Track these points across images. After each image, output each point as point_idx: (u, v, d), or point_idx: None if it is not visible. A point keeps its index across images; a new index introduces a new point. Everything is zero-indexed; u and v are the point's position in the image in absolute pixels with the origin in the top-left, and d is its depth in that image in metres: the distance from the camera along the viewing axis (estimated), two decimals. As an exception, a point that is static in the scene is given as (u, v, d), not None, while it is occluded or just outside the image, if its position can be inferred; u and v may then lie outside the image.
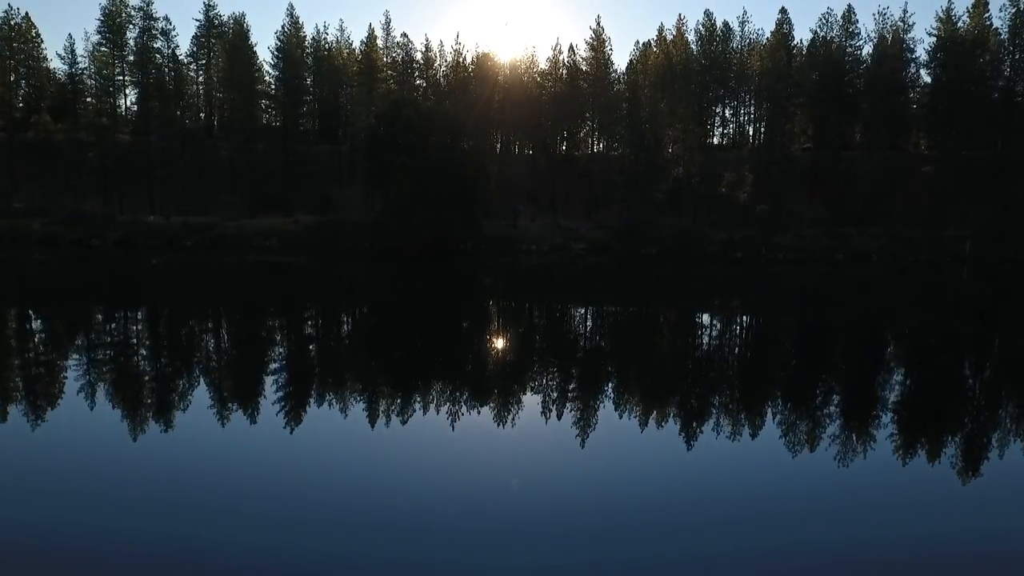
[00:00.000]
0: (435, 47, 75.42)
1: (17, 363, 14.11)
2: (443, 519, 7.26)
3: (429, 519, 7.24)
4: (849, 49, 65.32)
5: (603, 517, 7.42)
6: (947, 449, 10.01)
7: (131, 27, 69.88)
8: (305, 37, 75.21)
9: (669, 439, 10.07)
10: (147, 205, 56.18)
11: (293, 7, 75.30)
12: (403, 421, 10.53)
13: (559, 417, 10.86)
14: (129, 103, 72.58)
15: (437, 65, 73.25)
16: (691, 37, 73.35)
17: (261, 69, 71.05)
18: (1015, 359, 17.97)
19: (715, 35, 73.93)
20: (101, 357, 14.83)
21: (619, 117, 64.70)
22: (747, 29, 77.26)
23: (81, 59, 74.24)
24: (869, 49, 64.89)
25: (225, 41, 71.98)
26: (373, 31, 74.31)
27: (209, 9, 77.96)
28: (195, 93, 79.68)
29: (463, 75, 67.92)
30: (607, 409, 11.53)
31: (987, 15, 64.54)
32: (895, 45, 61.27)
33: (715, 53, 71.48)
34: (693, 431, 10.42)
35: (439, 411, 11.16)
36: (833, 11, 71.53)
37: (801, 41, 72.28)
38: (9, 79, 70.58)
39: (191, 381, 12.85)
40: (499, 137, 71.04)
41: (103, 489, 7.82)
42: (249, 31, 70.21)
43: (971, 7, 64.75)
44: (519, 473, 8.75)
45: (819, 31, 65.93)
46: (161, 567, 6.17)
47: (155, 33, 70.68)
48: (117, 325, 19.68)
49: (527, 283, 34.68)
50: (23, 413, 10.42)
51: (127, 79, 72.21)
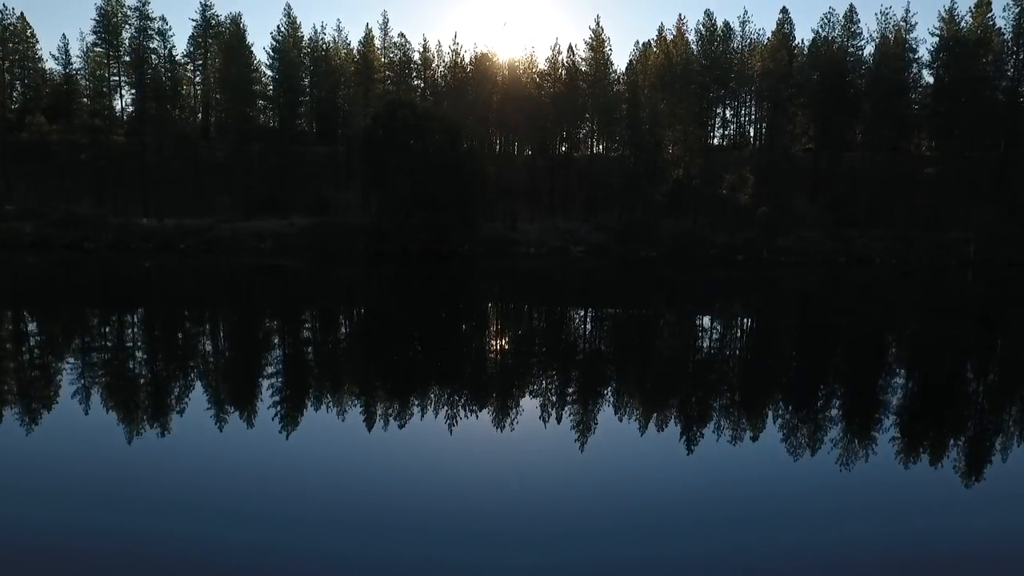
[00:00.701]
0: (433, 47, 74.90)
1: (12, 367, 13.90)
2: (442, 519, 7.27)
3: (428, 520, 7.24)
4: (851, 49, 64.77)
5: (603, 518, 7.44)
6: (948, 451, 9.99)
7: (127, 27, 69.47)
8: (303, 37, 74.69)
9: (668, 441, 10.05)
10: (141, 207, 55.57)
11: (290, 7, 74.77)
12: (401, 425, 10.47)
13: (558, 420, 10.80)
14: (125, 104, 72.22)
15: (435, 65, 72.71)
16: (691, 37, 72.77)
17: (258, 69, 70.50)
18: (1018, 362, 17.68)
19: (715, 35, 73.34)
20: (95, 362, 14.49)
21: (619, 118, 64.12)
22: (748, 29, 76.86)
23: (76, 59, 73.85)
24: (871, 49, 64.45)
25: (221, 41, 71.41)
26: (370, 31, 73.73)
27: (206, 9, 77.48)
28: (192, 94, 79.19)
29: (461, 76, 67.35)
30: (606, 412, 11.48)
31: (990, 15, 64.04)
32: (897, 45, 60.70)
33: (715, 53, 70.87)
34: (692, 433, 10.40)
35: (437, 414, 11.09)
36: (835, 11, 70.81)
37: (802, 41, 71.76)
38: (3, 80, 70.00)
39: (186, 386, 12.65)
40: (498, 138, 70.51)
41: (100, 490, 7.80)
42: (246, 31, 69.61)
43: (974, 7, 64.20)
44: (518, 474, 8.71)
45: (821, 31, 65.33)
46: (159, 568, 6.18)
47: (151, 33, 70.15)
48: (110, 330, 19.24)
49: (525, 286, 34.13)
50: (18, 416, 10.38)
51: (122, 80, 71.80)
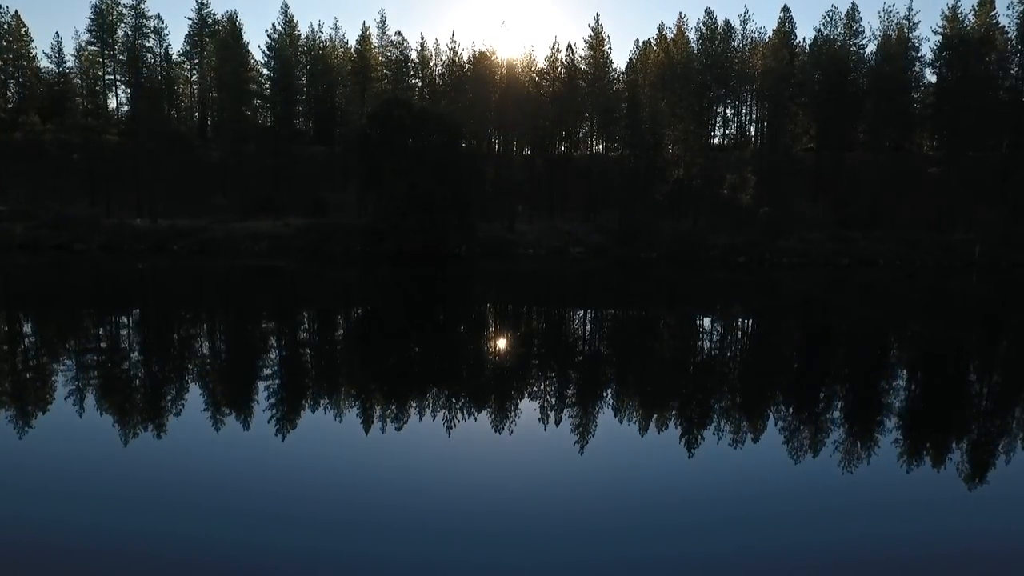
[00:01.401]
0: (431, 46, 74.22)
1: (5, 368, 13.72)
2: (442, 520, 7.24)
3: (428, 520, 7.21)
4: (853, 48, 64.10)
5: (604, 519, 7.42)
6: (949, 452, 9.99)
7: (122, 25, 68.83)
8: (300, 36, 74.04)
9: (668, 442, 10.02)
10: (135, 207, 54.89)
11: (287, 5, 74.10)
12: (398, 428, 10.37)
13: (557, 423, 10.71)
14: (120, 103, 71.61)
15: (433, 64, 72.07)
16: (692, 36, 72.18)
17: (254, 68, 69.80)
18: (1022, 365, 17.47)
19: (716, 34, 72.72)
20: (87, 366, 14.18)
21: (618, 117, 63.45)
22: (748, 28, 76.23)
23: (70, 59, 73.16)
24: (873, 48, 63.78)
25: (217, 40, 70.74)
26: (368, 30, 73.10)
27: (202, 7, 76.82)
28: (189, 93, 78.54)
29: (459, 74, 66.68)
30: (604, 413, 11.41)
31: (993, 13, 63.46)
32: (900, 44, 60.04)
33: (716, 52, 70.22)
34: (692, 434, 10.36)
35: (435, 416, 11.01)
36: (837, 9, 70.04)
37: (803, 40, 71.13)
38: (-2, 78, 69.45)
39: (181, 389, 12.50)
40: (497, 137, 69.84)
41: (98, 492, 7.78)
42: (242, 29, 68.94)
43: (977, 5, 63.62)
44: (518, 476, 8.71)
45: (823, 29, 64.65)
46: (159, 568, 6.16)
47: (147, 32, 69.52)
48: (101, 333, 18.85)
49: (523, 288, 33.52)
50: (12, 419, 10.33)
51: (117, 79, 71.17)
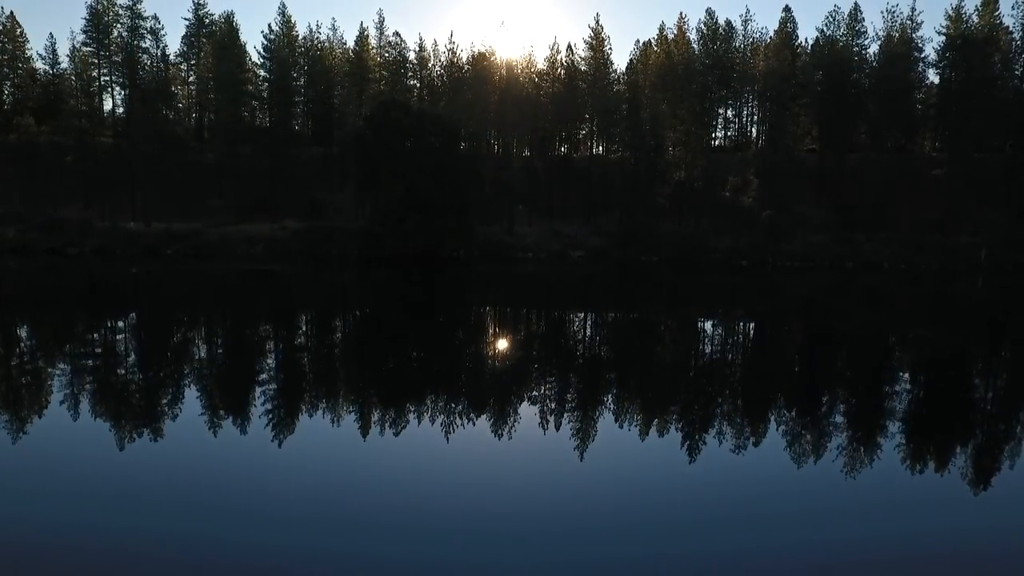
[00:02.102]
0: (429, 47, 73.62)
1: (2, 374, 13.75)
2: (442, 522, 7.24)
3: (428, 521, 7.22)
4: (855, 48, 63.45)
5: (603, 519, 7.45)
6: (952, 455, 9.98)
7: (118, 26, 68.18)
8: (297, 36, 73.38)
9: (667, 444, 10.03)
10: (130, 210, 54.23)
11: (285, 5, 73.52)
12: (396, 433, 10.33)
13: (557, 427, 10.65)
14: (116, 104, 70.92)
15: (432, 65, 71.39)
16: (693, 36, 71.48)
17: (250, 69, 69.12)
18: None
19: (717, 34, 72.07)
20: (82, 369, 14.16)
21: (619, 119, 62.80)
22: (750, 28, 75.43)
23: (64, 60, 72.52)
24: (875, 48, 63.10)
25: (213, 40, 70.08)
26: (365, 30, 72.46)
27: (199, 8, 76.21)
28: (186, 94, 77.88)
29: (458, 75, 66.04)
30: (605, 417, 11.36)
31: (997, 13, 62.75)
32: (903, 44, 59.40)
33: (717, 53, 69.57)
34: (692, 436, 10.36)
35: (433, 420, 10.95)
36: (840, 9, 69.39)
37: (805, 40, 70.49)
38: (-8, 80, 68.83)
39: (178, 394, 12.38)
40: (496, 138, 69.19)
41: (98, 493, 7.82)
42: (239, 30, 68.36)
43: (981, 5, 62.91)
44: (517, 478, 8.70)
45: (825, 29, 63.97)
46: (158, 569, 6.18)
47: (143, 32, 68.93)
48: (96, 338, 18.65)
49: (521, 293, 32.90)
50: (11, 422, 10.34)
51: (113, 79, 70.51)
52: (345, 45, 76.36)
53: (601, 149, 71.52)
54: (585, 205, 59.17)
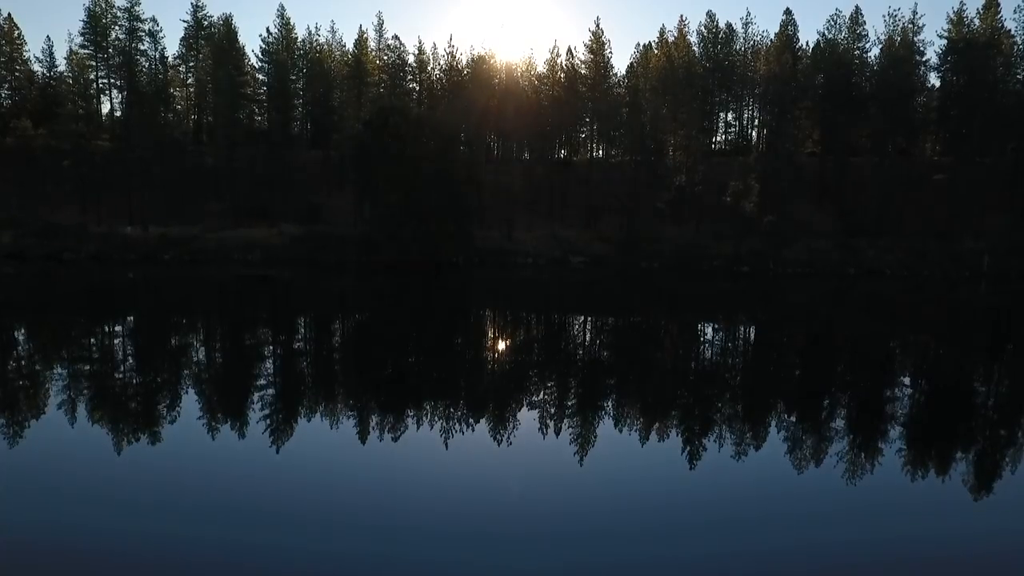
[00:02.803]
0: (428, 50, 73.31)
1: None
2: (443, 523, 7.27)
3: (429, 523, 7.25)
4: (856, 52, 63.15)
5: (604, 522, 7.48)
6: (953, 462, 9.97)
7: (116, 28, 67.86)
8: (296, 38, 73.02)
9: (670, 450, 10.05)
10: (127, 214, 53.89)
11: (283, 7, 73.18)
12: (395, 438, 10.35)
13: (557, 434, 10.68)
14: (114, 107, 70.60)
15: (431, 68, 71.06)
16: (693, 39, 71.19)
17: (249, 72, 68.76)
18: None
19: (718, 37, 71.76)
20: (82, 377, 14.11)
21: (619, 123, 62.48)
22: (751, 31, 75.17)
23: (61, 62, 72.16)
24: (876, 52, 62.83)
25: (212, 42, 69.72)
26: (364, 33, 72.12)
27: (197, 10, 75.83)
28: (185, 96, 77.50)
29: (457, 78, 65.73)
30: (606, 423, 11.38)
31: (999, 17, 62.47)
32: (904, 47, 59.11)
33: (718, 56, 69.26)
34: (692, 443, 10.39)
35: (432, 427, 10.94)
36: (841, 12, 69.19)
37: (806, 43, 70.19)
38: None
39: (175, 401, 12.38)
40: (496, 142, 68.91)
41: (94, 495, 7.88)
42: (237, 32, 67.99)
43: (983, 9, 62.64)
44: (518, 483, 8.73)
45: (826, 33, 63.65)
46: (160, 569, 6.26)
47: (141, 35, 68.60)
48: (94, 344, 18.54)
49: (521, 299, 32.57)
50: (11, 425, 10.42)
51: (111, 82, 70.16)
52: (344, 47, 76.09)
53: (601, 152, 71.24)
54: (585, 209, 58.88)
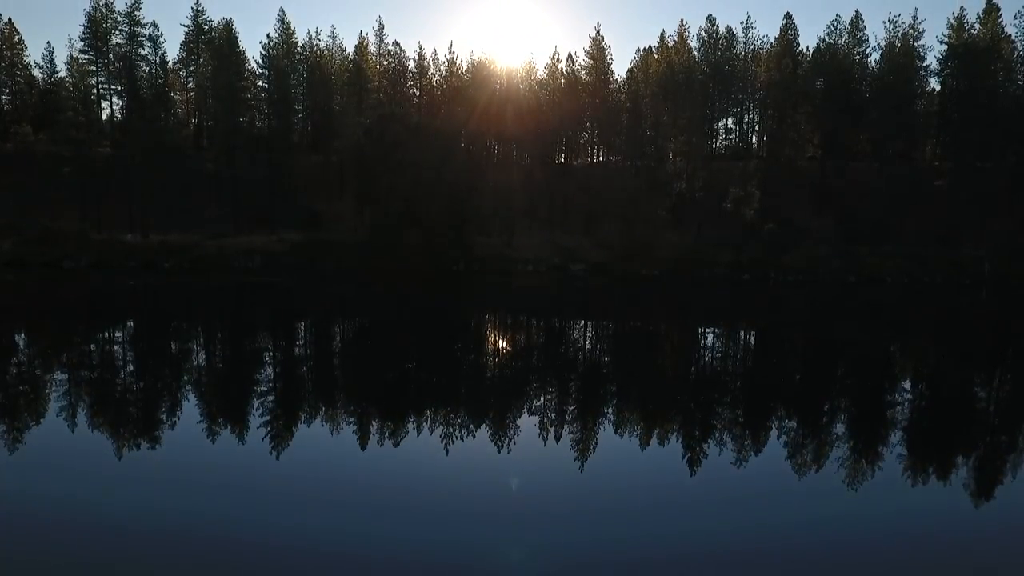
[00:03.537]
0: (429, 55, 73.19)
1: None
2: (443, 525, 7.38)
3: (429, 525, 7.35)
4: (857, 56, 63.11)
5: (604, 524, 7.60)
6: (954, 467, 10.08)
7: (116, 33, 67.80)
8: (296, 43, 72.98)
9: (670, 455, 10.15)
10: (127, 220, 53.84)
11: (284, 12, 73.13)
12: (396, 443, 10.42)
13: (557, 439, 10.75)
14: (114, 113, 70.59)
15: (431, 74, 71.01)
16: (693, 44, 71.10)
17: (249, 77, 68.70)
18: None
19: (719, 42, 71.71)
20: (84, 384, 14.30)
21: (619, 129, 62.41)
22: (751, 35, 75.05)
23: (62, 67, 72.14)
24: (876, 57, 62.80)
25: (212, 47, 69.68)
26: (364, 38, 72.09)
27: (198, 14, 75.81)
28: (185, 100, 77.50)
29: (457, 84, 65.69)
30: (606, 429, 11.51)
31: (1000, 22, 62.43)
32: (905, 53, 59.08)
33: (718, 61, 69.19)
34: (692, 448, 10.48)
35: (433, 432, 10.99)
36: (841, 17, 69.15)
37: (807, 48, 70.08)
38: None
39: (175, 407, 12.50)
40: (495, 148, 68.83)
41: (94, 497, 8.03)
42: (237, 37, 67.95)
43: (983, 14, 62.61)
44: (519, 486, 8.86)
45: (827, 38, 63.60)
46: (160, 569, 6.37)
47: (141, 40, 68.55)
48: (95, 351, 18.67)
49: (521, 305, 32.55)
50: (12, 429, 10.56)
51: (111, 87, 70.12)
52: (345, 53, 76.01)
53: (601, 157, 71.18)
54: (585, 214, 58.78)
